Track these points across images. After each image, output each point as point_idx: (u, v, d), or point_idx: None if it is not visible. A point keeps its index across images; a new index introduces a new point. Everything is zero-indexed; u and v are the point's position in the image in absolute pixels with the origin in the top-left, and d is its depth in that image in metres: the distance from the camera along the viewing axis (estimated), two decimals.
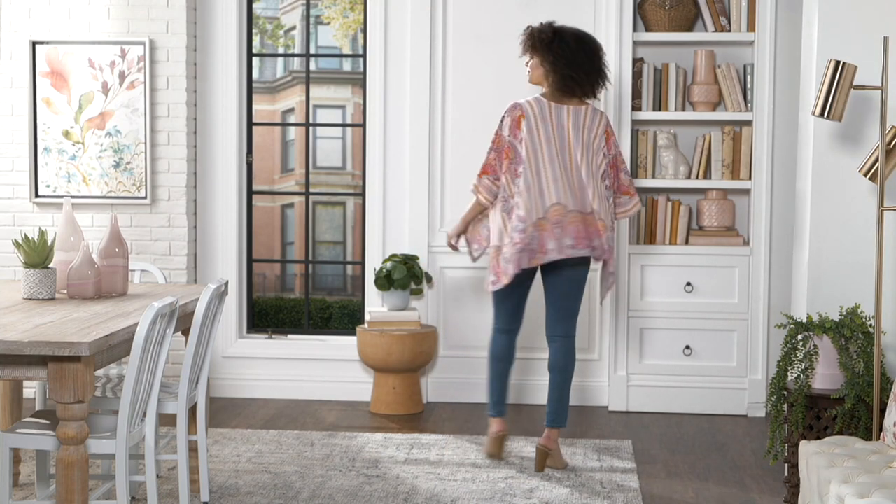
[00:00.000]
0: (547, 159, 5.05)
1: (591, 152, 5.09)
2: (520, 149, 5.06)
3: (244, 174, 6.64)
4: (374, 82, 6.47)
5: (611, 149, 5.15)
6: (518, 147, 5.06)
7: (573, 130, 5.08)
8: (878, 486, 3.36)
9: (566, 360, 5.18)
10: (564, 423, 5.17)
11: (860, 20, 4.70)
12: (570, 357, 5.19)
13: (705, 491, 4.87)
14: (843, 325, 4.50)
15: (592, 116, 5.12)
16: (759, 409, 6.22)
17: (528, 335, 6.43)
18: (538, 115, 5.07)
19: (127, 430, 3.65)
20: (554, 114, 5.08)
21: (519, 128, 5.06)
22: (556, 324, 5.18)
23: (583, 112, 5.11)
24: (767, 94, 6.18)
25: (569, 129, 5.08)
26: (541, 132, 5.06)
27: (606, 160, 5.14)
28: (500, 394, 5.27)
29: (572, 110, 5.10)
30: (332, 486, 4.84)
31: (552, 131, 5.07)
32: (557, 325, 5.18)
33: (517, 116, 5.07)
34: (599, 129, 5.12)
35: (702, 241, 6.27)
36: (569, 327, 5.19)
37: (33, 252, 4.31)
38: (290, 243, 6.96)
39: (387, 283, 6.19)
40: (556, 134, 5.07)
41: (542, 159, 5.05)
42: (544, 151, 5.06)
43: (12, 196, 6.52)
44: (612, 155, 5.16)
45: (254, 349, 6.63)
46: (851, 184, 4.75)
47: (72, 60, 6.39)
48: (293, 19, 6.83)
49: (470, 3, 6.40)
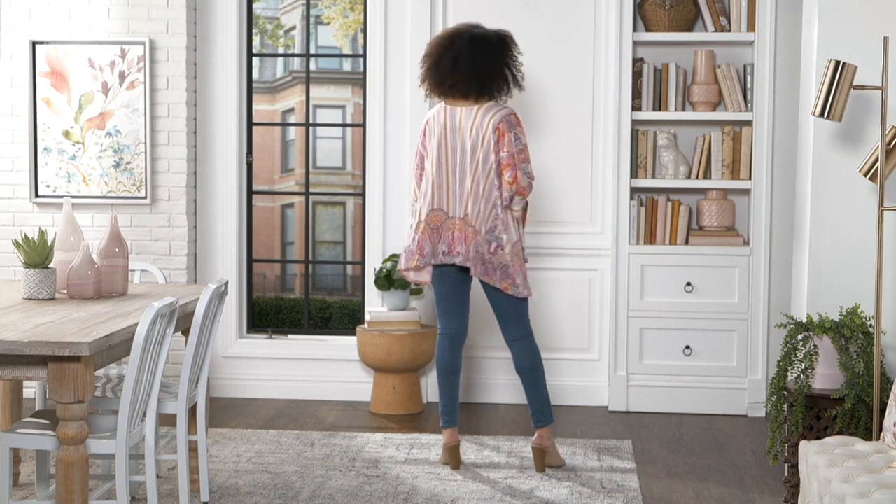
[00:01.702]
0: (435, 164, 5.08)
1: (480, 153, 5.01)
2: (423, 154, 5.14)
3: (244, 174, 6.64)
4: (374, 82, 6.47)
5: (503, 147, 4.99)
6: (422, 153, 5.15)
7: (463, 133, 5.04)
8: (878, 486, 3.36)
9: (532, 359, 5.14)
10: (551, 419, 5.15)
11: (860, 20, 4.70)
12: (533, 355, 5.14)
13: (705, 491, 4.87)
14: (843, 325, 4.50)
15: (483, 115, 5.02)
16: (759, 409, 6.22)
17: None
18: (436, 120, 5.10)
19: (127, 430, 3.65)
20: (448, 117, 5.08)
21: (424, 135, 5.15)
22: (506, 327, 5.15)
23: (474, 112, 5.05)
24: (767, 94, 6.17)
25: (460, 132, 5.05)
26: (434, 137, 5.08)
27: (497, 160, 4.99)
28: (448, 404, 5.19)
29: (464, 111, 5.07)
30: (332, 486, 4.84)
31: (444, 135, 5.06)
32: (507, 328, 5.15)
33: (424, 124, 5.16)
34: (489, 127, 5.00)
35: (702, 241, 6.27)
36: (522, 327, 5.14)
37: (33, 252, 4.31)
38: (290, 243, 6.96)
39: (387, 283, 6.19)
40: (448, 137, 5.06)
41: (433, 164, 5.08)
42: (434, 156, 5.08)
43: (12, 196, 6.52)
44: (509, 153, 4.97)
45: (254, 349, 6.62)
46: (851, 184, 4.75)
47: (72, 60, 6.39)
48: (293, 19, 6.83)
49: (470, 4, 6.40)
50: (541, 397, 5.14)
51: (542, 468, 5.08)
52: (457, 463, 5.13)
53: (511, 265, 5.00)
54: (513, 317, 5.11)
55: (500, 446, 5.52)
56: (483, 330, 6.44)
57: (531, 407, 5.15)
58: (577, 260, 6.40)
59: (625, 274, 6.27)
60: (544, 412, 5.14)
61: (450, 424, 5.18)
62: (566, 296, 6.43)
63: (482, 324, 6.42)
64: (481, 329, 6.43)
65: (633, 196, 6.35)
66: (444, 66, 5.03)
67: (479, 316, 6.40)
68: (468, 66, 5.00)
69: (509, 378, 6.46)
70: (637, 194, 6.36)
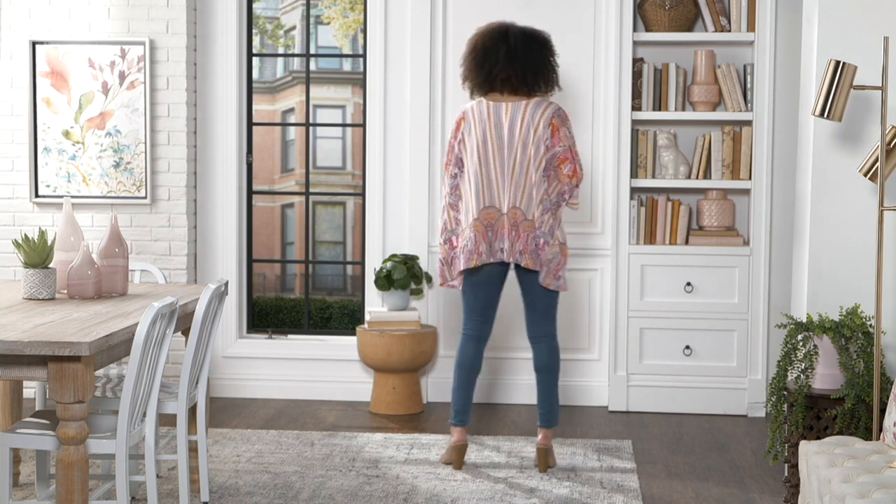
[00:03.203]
0: (482, 161, 5.04)
1: (531, 148, 5.01)
2: (461, 152, 5.09)
3: (244, 174, 6.65)
4: (374, 82, 6.47)
5: (558, 141, 5.02)
6: (460, 150, 5.10)
7: (512, 128, 5.03)
8: (878, 486, 3.36)
9: (552, 360, 5.16)
10: (558, 422, 5.17)
11: (860, 20, 4.70)
12: (555, 356, 5.17)
13: (705, 491, 4.87)
14: (843, 325, 4.50)
15: (534, 110, 5.03)
16: (759, 409, 6.22)
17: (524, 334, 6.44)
18: (476, 116, 5.06)
19: (127, 430, 3.65)
20: (492, 112, 5.06)
21: (459, 129, 5.10)
22: (536, 324, 5.16)
23: (522, 107, 5.04)
24: (767, 94, 6.18)
25: (508, 127, 5.04)
26: (476, 133, 5.05)
27: (550, 154, 5.02)
28: (464, 403, 5.19)
29: (511, 106, 5.06)
30: (332, 486, 4.84)
31: (489, 131, 5.04)
32: (537, 326, 5.16)
33: (458, 120, 5.12)
34: (541, 122, 5.01)
35: (702, 241, 6.27)
36: (549, 326, 5.16)
37: (33, 252, 4.31)
38: (290, 243, 6.96)
39: (387, 283, 6.19)
40: (494, 132, 5.04)
41: (478, 161, 5.04)
42: (479, 153, 5.04)
43: (12, 196, 6.52)
44: (566, 147, 5.01)
45: (254, 349, 6.63)
46: (851, 184, 4.75)
47: (72, 60, 6.39)
48: (293, 19, 6.83)
49: (470, 4, 6.40)
50: (553, 399, 5.16)
51: (545, 468, 5.08)
52: (460, 463, 5.12)
53: (557, 259, 5.04)
54: (544, 313, 5.13)
55: (500, 446, 5.52)
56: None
57: (541, 407, 5.16)
58: (578, 260, 6.40)
59: (625, 274, 6.27)
60: (553, 414, 5.16)
61: (462, 423, 5.18)
62: (566, 295, 6.43)
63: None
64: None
65: (634, 196, 6.35)
66: (499, 58, 5.01)
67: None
68: (525, 60, 5.02)
69: (510, 378, 6.46)
70: (637, 194, 6.36)
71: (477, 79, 5.07)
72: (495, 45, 5.04)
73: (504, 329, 6.45)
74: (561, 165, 5.02)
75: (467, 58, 5.12)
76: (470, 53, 5.11)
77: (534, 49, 5.06)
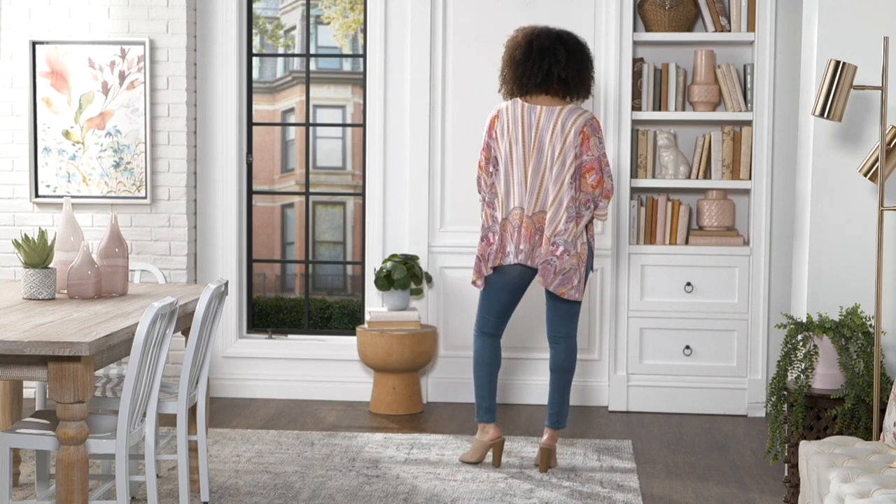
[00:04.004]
0: (515, 161, 5.03)
1: (559, 155, 5.00)
2: (496, 150, 5.08)
3: (244, 174, 6.65)
4: (374, 82, 6.47)
5: (586, 150, 5.01)
6: (494, 148, 5.09)
7: (542, 132, 5.03)
8: (878, 486, 3.36)
9: (569, 361, 5.18)
10: (565, 424, 5.18)
11: (860, 20, 4.70)
12: (572, 357, 5.19)
13: (705, 491, 4.87)
14: (843, 325, 4.50)
15: (567, 117, 5.03)
16: (759, 409, 6.22)
17: (524, 335, 6.44)
18: (511, 116, 5.06)
19: (127, 430, 3.65)
20: (526, 114, 5.06)
21: (493, 128, 5.09)
22: (557, 325, 5.17)
23: (556, 112, 5.04)
24: (767, 94, 6.18)
25: (538, 130, 5.03)
26: (510, 133, 5.05)
27: (579, 162, 5.00)
28: (490, 399, 5.19)
29: (545, 110, 5.06)
30: (332, 486, 4.84)
31: (522, 132, 5.04)
32: (558, 326, 5.17)
33: (492, 118, 5.11)
34: (572, 130, 5.00)
35: (702, 241, 6.27)
36: (570, 328, 5.18)
37: (33, 252, 4.31)
38: (290, 243, 6.96)
39: (387, 283, 6.19)
40: (526, 134, 5.03)
41: (510, 161, 5.04)
42: (513, 153, 5.04)
43: (12, 196, 6.52)
44: (594, 157, 5.00)
45: (254, 349, 6.63)
46: (851, 184, 4.75)
47: (72, 60, 6.39)
48: (293, 19, 6.83)
49: (470, 4, 6.40)
50: (563, 400, 5.17)
51: (545, 468, 5.08)
52: (499, 460, 5.15)
53: (573, 269, 5.01)
54: (566, 317, 5.14)
55: None
56: None
57: (551, 407, 5.16)
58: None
59: (625, 274, 6.27)
60: (562, 415, 5.16)
61: (492, 419, 5.18)
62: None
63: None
64: None
65: (633, 196, 6.35)
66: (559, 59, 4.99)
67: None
68: (572, 68, 5.01)
69: (510, 378, 6.46)
70: (637, 194, 6.36)
71: (535, 78, 5.01)
72: (553, 45, 5.03)
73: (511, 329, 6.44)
74: (586, 175, 5.01)
75: (520, 57, 5.04)
76: (524, 53, 5.04)
77: (584, 56, 5.08)
